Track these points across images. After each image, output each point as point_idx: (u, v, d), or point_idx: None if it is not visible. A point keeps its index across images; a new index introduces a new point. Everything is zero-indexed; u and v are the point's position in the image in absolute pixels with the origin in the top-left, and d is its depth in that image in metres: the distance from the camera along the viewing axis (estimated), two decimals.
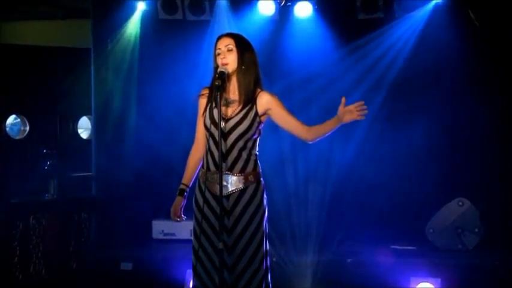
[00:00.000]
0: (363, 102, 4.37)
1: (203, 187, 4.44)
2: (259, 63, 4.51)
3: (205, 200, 4.44)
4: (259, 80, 4.50)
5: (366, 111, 4.37)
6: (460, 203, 7.87)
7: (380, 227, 7.98)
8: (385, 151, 8.27)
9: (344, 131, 7.64)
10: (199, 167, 4.58)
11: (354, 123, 7.73)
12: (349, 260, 7.33)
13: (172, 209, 4.57)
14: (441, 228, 7.89)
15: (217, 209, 4.36)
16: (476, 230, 7.78)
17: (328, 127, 4.43)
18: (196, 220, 4.46)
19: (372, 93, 8.27)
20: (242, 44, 4.47)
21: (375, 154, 8.31)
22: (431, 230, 7.93)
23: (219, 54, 4.45)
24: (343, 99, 4.38)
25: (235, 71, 4.44)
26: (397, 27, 8.29)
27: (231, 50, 4.42)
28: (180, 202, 4.56)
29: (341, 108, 4.38)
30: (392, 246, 7.86)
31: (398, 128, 8.26)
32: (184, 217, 4.56)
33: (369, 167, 8.28)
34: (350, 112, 4.35)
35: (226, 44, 4.44)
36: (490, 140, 8.05)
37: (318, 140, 4.49)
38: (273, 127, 4.74)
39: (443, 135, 8.24)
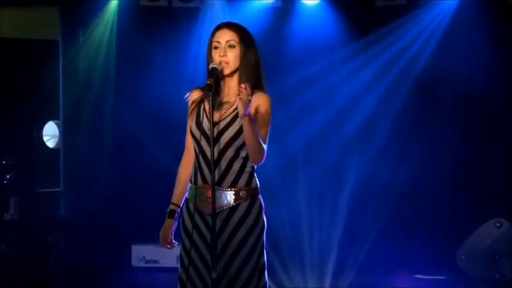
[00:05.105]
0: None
1: (191, 206, 4.14)
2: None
3: (194, 222, 4.13)
4: (262, 84, 4.14)
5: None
6: (498, 224, 7.80)
7: (403, 252, 7.78)
8: (409, 161, 8.00)
9: (362, 142, 8.16)
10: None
11: (372, 134, 8.13)
12: None
13: (161, 234, 4.27)
14: (475, 254, 7.79)
15: (205, 232, 4.08)
16: None
17: (244, 131, 3.99)
18: (184, 246, 4.16)
19: (391, 94, 8.15)
20: (246, 40, 4.13)
21: (397, 165, 8.01)
22: (463, 257, 7.83)
23: (216, 48, 4.10)
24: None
25: (235, 71, 4.11)
26: (422, 16, 8.15)
27: (233, 46, 4.09)
28: (170, 225, 4.24)
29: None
30: (417, 276, 7.71)
31: (425, 135, 8.12)
32: (175, 243, 4.26)
33: (391, 180, 7.99)
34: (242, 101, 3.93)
35: (228, 38, 4.09)
36: None
37: (257, 155, 4.01)
38: (279, 133, 4.70)
39: (478, 143, 8.04)
